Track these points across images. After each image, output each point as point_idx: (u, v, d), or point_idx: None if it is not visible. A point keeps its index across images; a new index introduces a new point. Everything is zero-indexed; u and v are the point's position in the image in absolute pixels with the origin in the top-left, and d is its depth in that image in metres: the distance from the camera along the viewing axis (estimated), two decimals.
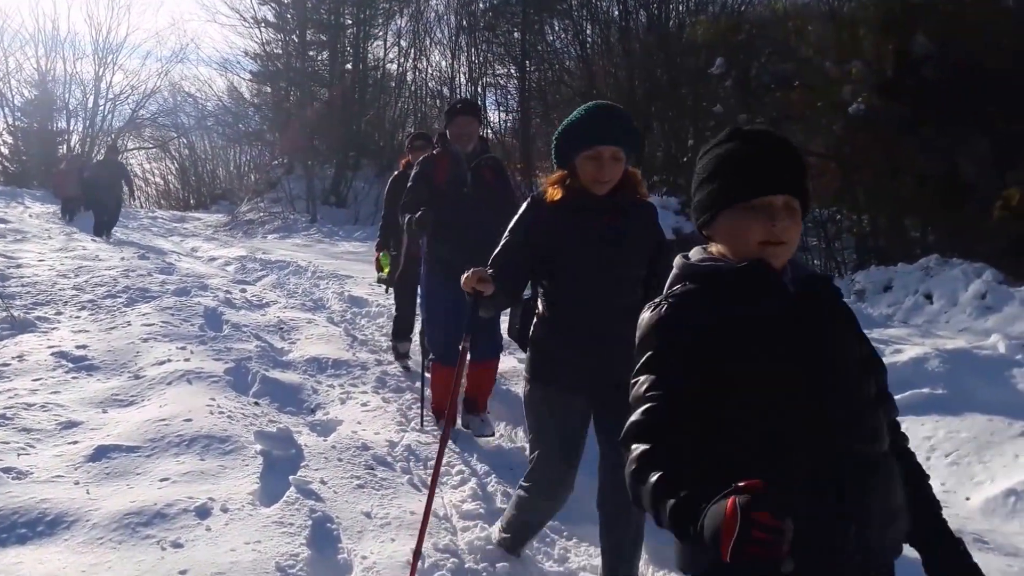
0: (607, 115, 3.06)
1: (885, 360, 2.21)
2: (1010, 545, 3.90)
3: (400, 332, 7.05)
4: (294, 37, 27.09)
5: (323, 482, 4.10)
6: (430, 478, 4.36)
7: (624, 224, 3.07)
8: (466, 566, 3.49)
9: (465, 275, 3.01)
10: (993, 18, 9.09)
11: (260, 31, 27.28)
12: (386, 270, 6.97)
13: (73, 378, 5.32)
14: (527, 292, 3.35)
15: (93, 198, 16.45)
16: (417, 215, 4.98)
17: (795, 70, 11.40)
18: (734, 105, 12.39)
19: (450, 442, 4.99)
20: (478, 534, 3.79)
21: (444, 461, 4.66)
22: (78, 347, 5.89)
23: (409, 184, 5.30)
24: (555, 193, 3.07)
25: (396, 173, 7.03)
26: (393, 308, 7.30)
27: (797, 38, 11.02)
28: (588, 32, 19.71)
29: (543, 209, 3.11)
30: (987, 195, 8.13)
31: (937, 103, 8.98)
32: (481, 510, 4.07)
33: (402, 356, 7.00)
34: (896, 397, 2.13)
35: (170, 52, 58.39)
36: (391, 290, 7.25)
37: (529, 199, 3.27)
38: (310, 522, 3.59)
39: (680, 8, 17.40)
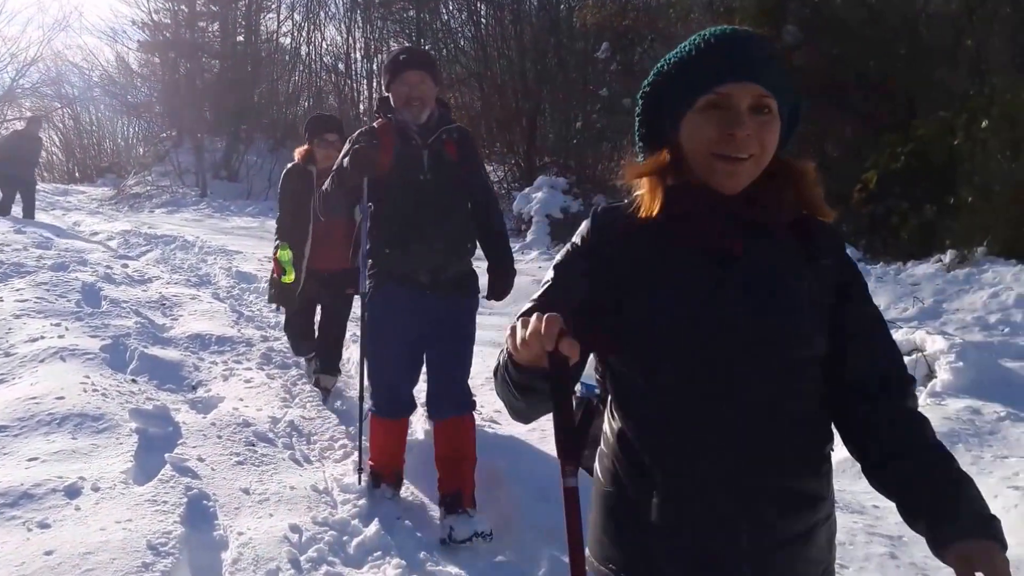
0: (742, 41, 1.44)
1: None
2: (857, 503, 4.18)
3: (331, 359, 5.60)
4: (183, 7, 26.11)
5: (201, 459, 4.08)
6: (313, 454, 4.44)
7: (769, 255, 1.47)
8: (343, 539, 3.51)
9: (527, 325, 1.32)
10: (855, 11, 9.59)
11: (147, 0, 26.20)
12: (289, 277, 5.19)
13: None
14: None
15: (10, 173, 14.25)
16: (355, 148, 3.63)
17: None
18: (619, 89, 12.68)
19: (335, 418, 5.02)
20: (358, 508, 3.83)
21: (328, 436, 4.71)
22: None
23: (335, 169, 3.85)
24: (653, 202, 1.48)
25: (291, 165, 5.46)
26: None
27: (679, 26, 11.34)
28: (482, 13, 19.70)
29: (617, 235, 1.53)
30: (849, 177, 8.61)
31: (806, 90, 9.45)
32: (362, 484, 4.11)
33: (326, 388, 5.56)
34: None
35: (52, 20, 55.29)
36: (281, 308, 5.84)
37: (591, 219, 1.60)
38: (185, 499, 3.56)
39: None
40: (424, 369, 3.96)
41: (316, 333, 5.64)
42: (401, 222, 3.68)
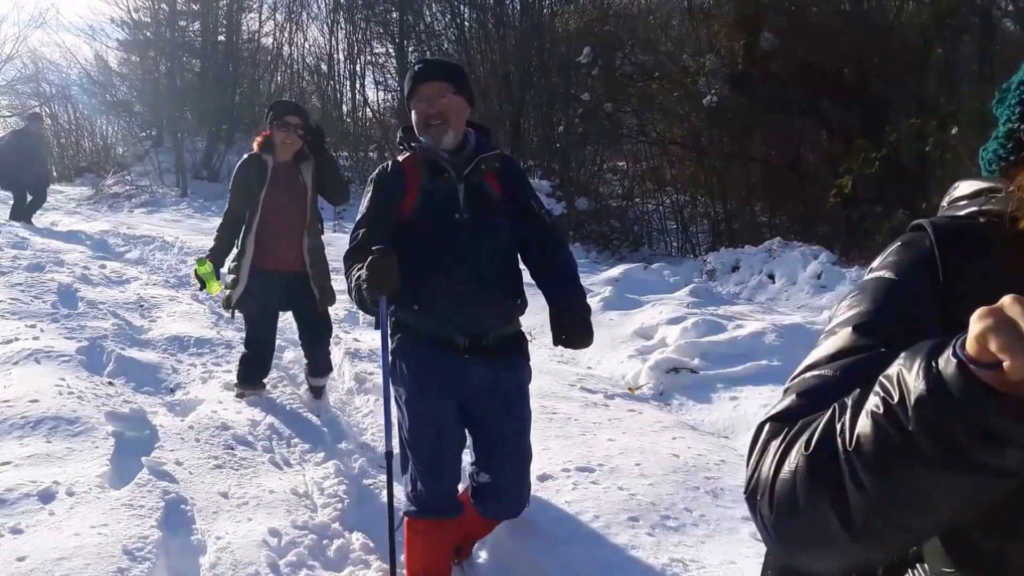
0: None
1: (728, 335, 2.53)
2: None
3: (252, 371, 5.14)
4: (164, 5, 25.92)
5: (178, 463, 4.04)
6: (293, 457, 4.41)
7: None
8: (323, 543, 3.49)
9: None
10: (830, 20, 9.73)
11: None
12: (213, 288, 4.95)
13: None
14: None
15: (7, 176, 13.32)
16: (370, 261, 2.73)
17: (656, 62, 11.83)
18: (601, 94, 12.75)
19: (316, 420, 5.00)
20: (338, 512, 3.82)
21: (309, 438, 4.69)
22: None
23: (360, 215, 3.03)
24: None
25: (247, 156, 4.96)
26: (241, 336, 5.54)
27: (658, 32, 11.46)
28: (465, 16, 19.72)
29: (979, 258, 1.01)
30: (824, 182, 8.74)
31: (781, 96, 9.57)
32: (343, 487, 4.09)
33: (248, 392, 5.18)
34: (736, 368, 2.42)
35: (28, 16, 54.71)
36: (236, 313, 5.09)
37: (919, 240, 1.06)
38: (162, 504, 3.54)
39: None
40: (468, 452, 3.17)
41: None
42: (431, 273, 2.89)
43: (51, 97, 35.68)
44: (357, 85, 25.05)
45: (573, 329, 2.99)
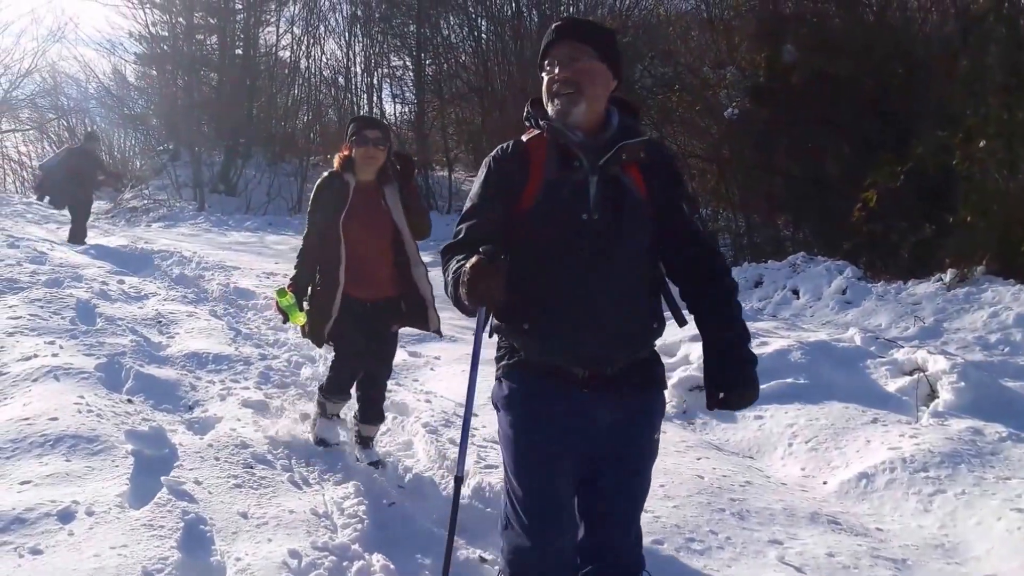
0: None
1: (756, 351, 2.44)
2: (860, 526, 4.15)
3: (336, 386, 4.73)
4: (181, 19, 26.15)
5: (197, 482, 4.00)
6: (312, 476, 4.37)
7: None
8: (344, 564, 3.43)
9: None
10: (852, 31, 9.66)
11: (145, 12, 26.22)
12: (297, 320, 4.46)
13: None
14: None
15: (67, 195, 12.88)
16: (475, 263, 2.22)
17: (676, 74, 11.78)
18: None
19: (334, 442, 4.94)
20: (359, 532, 3.76)
21: (328, 457, 4.64)
22: None
23: (469, 203, 2.53)
24: None
25: (326, 174, 4.50)
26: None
27: (678, 44, 11.42)
28: (483, 28, 19.78)
29: None
30: (848, 196, 8.65)
31: (804, 108, 9.50)
32: (363, 507, 4.03)
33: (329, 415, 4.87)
34: (761, 387, 2.33)
35: (47, 31, 55.27)
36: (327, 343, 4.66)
37: None
38: (182, 524, 3.50)
39: (571, 9, 17.67)
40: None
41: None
42: (549, 286, 2.36)
43: (69, 111, 36.03)
44: (374, 98, 25.12)
45: (737, 386, 2.35)
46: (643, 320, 2.45)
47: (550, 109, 2.40)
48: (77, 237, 12.95)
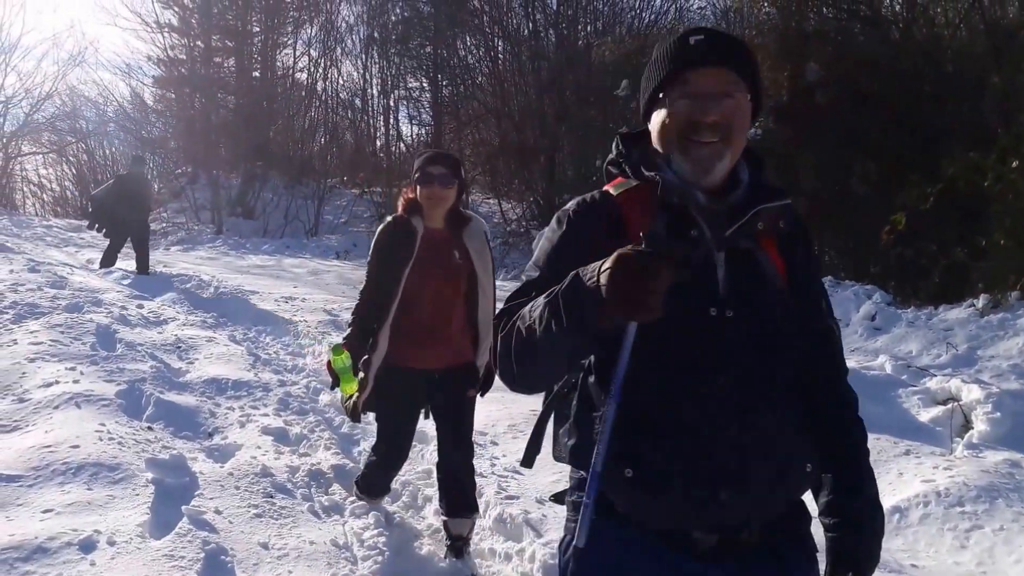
0: None
1: None
2: (895, 562, 4.03)
3: (375, 481, 4.17)
4: (199, 43, 26.44)
5: (218, 512, 3.98)
6: (332, 506, 4.32)
7: None
8: None
9: None
10: (878, 49, 9.57)
11: (163, 36, 26.55)
12: (349, 387, 3.77)
13: None
14: None
15: (111, 219, 12.46)
16: (623, 255, 1.36)
17: None
18: (640, 127, 12.64)
19: (354, 466, 4.90)
20: (379, 565, 3.72)
21: (347, 486, 4.59)
22: None
23: (537, 269, 1.74)
24: None
25: (390, 218, 3.80)
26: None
27: None
28: (499, 49, 19.85)
29: None
30: (876, 217, 8.53)
31: (828, 128, 9.40)
32: (383, 539, 3.97)
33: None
34: None
35: (67, 55, 56.10)
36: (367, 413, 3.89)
37: None
38: (203, 555, 3.48)
39: (588, 29, 17.73)
40: None
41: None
42: (663, 414, 1.62)
43: (88, 134, 36.42)
44: (391, 120, 25.25)
45: (859, 556, 1.75)
46: (797, 460, 1.70)
47: (678, 159, 1.64)
48: (142, 267, 12.49)
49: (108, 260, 12.71)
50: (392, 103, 24.90)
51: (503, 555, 3.87)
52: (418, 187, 3.64)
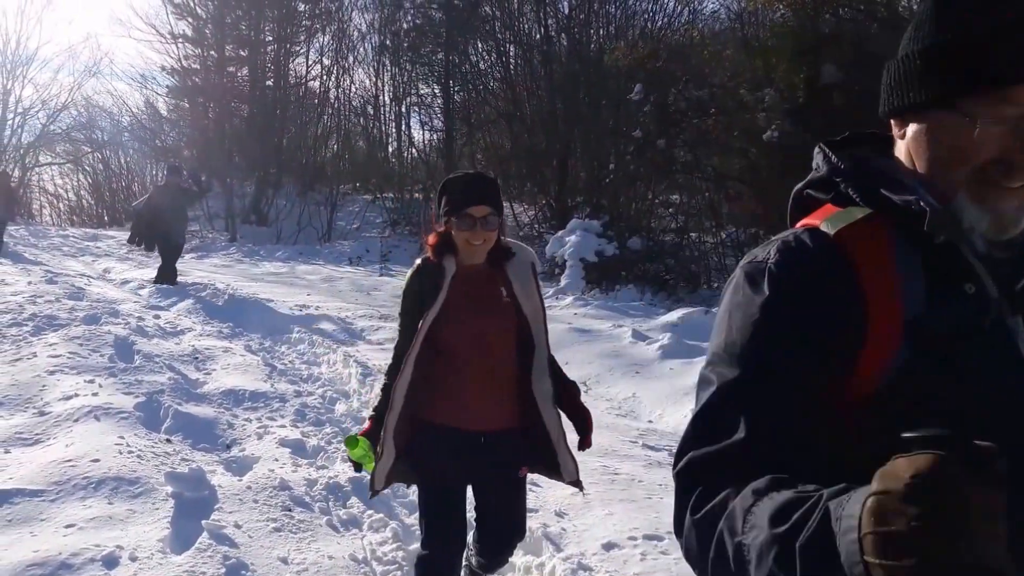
0: None
1: None
2: None
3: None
4: (212, 52, 26.58)
5: (238, 526, 3.98)
6: (351, 520, 4.31)
7: None
8: None
9: None
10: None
11: (177, 46, 26.71)
12: (369, 465, 3.02)
13: None
14: None
15: (158, 234, 12.12)
16: (949, 476, 0.70)
17: (711, 97, 11.68)
18: (653, 130, 12.61)
19: (367, 475, 4.89)
20: None
21: (365, 498, 4.57)
22: None
23: (744, 359, 1.09)
24: None
25: (419, 262, 3.04)
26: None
27: (713, 65, 11.31)
28: (511, 54, 19.86)
29: None
30: None
31: (845, 129, 9.30)
32: (400, 553, 3.95)
33: None
34: None
35: (83, 66, 56.61)
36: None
37: None
38: (223, 570, 3.49)
39: (601, 33, 17.70)
40: None
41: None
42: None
43: (103, 144, 36.69)
44: (403, 126, 25.29)
45: None
46: None
47: (969, 205, 1.07)
48: (164, 277, 12.16)
49: (168, 275, 12.19)
50: (404, 109, 24.96)
51: (522, 568, 3.85)
52: (455, 230, 2.86)
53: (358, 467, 3.07)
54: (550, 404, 2.96)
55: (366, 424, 3.04)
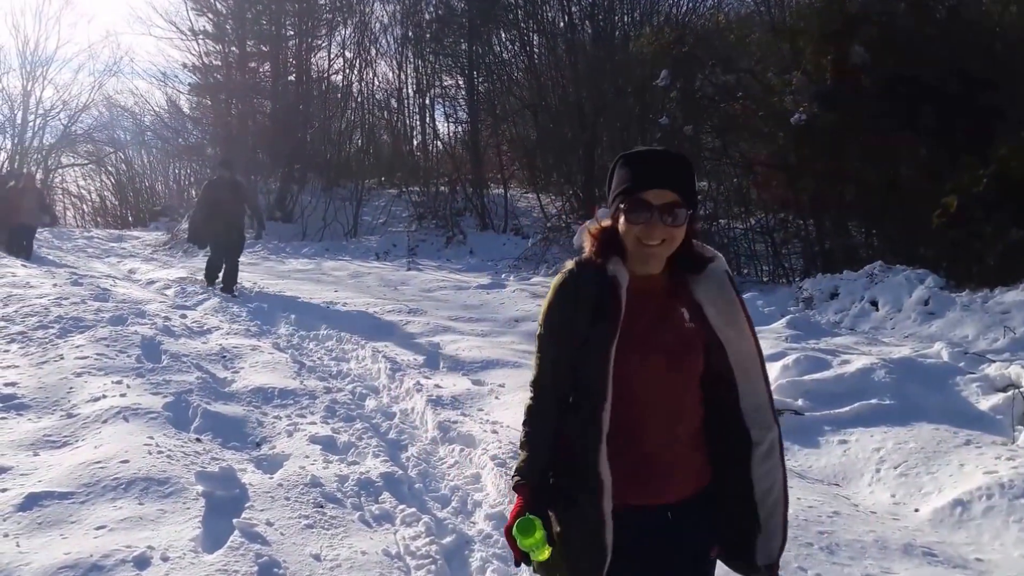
0: None
1: (834, 371, 2.08)
2: (959, 556, 3.91)
3: None
4: (234, 48, 26.62)
5: (269, 523, 3.97)
6: (383, 515, 4.27)
7: None
8: None
9: None
10: (923, 29, 9.31)
11: (198, 43, 26.77)
12: (545, 554, 2.06)
13: (1, 418, 5.11)
14: None
15: (209, 233, 11.54)
16: None
17: (738, 81, 11.53)
18: (680, 117, 12.46)
19: (403, 473, 4.86)
20: (431, 574, 3.67)
21: (397, 493, 4.54)
22: (6, 384, 5.68)
23: None
24: None
25: (573, 268, 2.14)
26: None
27: (739, 49, 11.15)
28: (535, 43, 19.72)
29: None
30: (926, 201, 8.29)
31: (875, 111, 9.17)
32: (434, 547, 3.91)
33: None
34: (844, 409, 2.04)
35: (103, 66, 57.05)
36: None
37: None
38: (256, 568, 3.50)
39: (625, 19, 17.54)
40: None
41: None
42: None
43: (126, 144, 36.96)
44: (427, 118, 25.21)
45: None
46: None
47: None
48: (229, 281, 11.50)
49: (228, 281, 11.57)
50: (428, 101, 24.85)
51: None
52: (624, 219, 2.05)
53: (525, 558, 2.11)
54: (778, 467, 2.13)
55: (516, 498, 2.16)
